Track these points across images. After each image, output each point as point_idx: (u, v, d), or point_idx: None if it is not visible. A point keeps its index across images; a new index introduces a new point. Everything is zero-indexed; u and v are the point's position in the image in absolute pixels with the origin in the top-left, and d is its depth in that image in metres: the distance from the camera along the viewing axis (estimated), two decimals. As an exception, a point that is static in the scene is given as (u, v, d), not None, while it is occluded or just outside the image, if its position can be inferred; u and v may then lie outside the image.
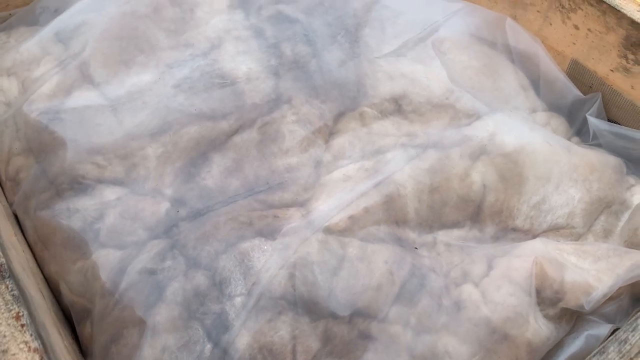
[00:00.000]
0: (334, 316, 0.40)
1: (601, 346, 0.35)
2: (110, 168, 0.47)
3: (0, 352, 0.28)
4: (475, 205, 0.46)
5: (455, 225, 0.46)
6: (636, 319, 0.36)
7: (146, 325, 0.39)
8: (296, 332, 0.39)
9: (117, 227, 0.44)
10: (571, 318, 0.42)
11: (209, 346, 0.39)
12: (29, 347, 0.28)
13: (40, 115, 0.49)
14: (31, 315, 0.29)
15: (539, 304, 0.41)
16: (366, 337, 0.39)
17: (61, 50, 0.56)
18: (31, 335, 0.29)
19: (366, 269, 0.41)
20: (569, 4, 0.51)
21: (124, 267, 0.42)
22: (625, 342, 0.34)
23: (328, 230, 0.42)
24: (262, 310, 0.39)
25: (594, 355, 0.34)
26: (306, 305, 0.40)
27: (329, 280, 0.41)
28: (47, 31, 0.56)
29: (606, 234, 0.48)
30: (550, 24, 0.54)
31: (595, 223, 0.48)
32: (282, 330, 0.39)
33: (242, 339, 0.38)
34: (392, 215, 0.44)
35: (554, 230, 0.47)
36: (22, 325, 0.29)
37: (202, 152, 0.48)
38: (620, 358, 0.33)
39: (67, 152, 0.48)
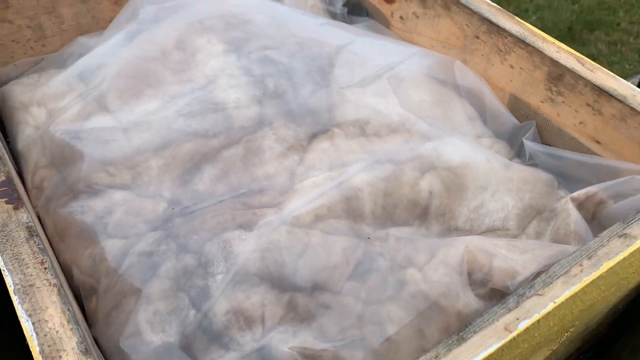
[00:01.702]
0: (297, 289, 0.48)
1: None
2: (119, 176, 0.57)
3: (28, 285, 0.37)
4: (422, 208, 0.55)
5: (405, 223, 0.54)
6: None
7: (142, 294, 0.47)
8: (265, 301, 0.47)
9: (122, 222, 0.53)
10: (501, 298, 0.49)
11: (192, 312, 0.47)
12: (50, 282, 0.37)
13: (63, 134, 0.59)
14: (51, 263, 0.38)
15: (470, 284, 0.49)
16: (323, 306, 0.47)
17: (82, 86, 0.67)
18: (52, 275, 0.37)
19: (326, 253, 0.49)
20: (505, 48, 0.61)
21: (125, 252, 0.51)
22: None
23: (295, 223, 0.51)
24: (238, 283, 0.48)
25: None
26: (275, 281, 0.48)
27: (295, 262, 0.49)
28: (71, 71, 0.67)
29: (537, 236, 0.56)
30: (492, 65, 0.64)
31: (528, 226, 0.56)
32: (253, 299, 0.47)
33: (220, 305, 0.46)
34: (351, 213, 0.53)
35: (492, 232, 0.56)
36: (45, 268, 0.38)
37: (196, 163, 0.57)
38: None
39: (83, 163, 0.57)
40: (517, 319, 0.36)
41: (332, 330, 0.45)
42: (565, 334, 0.47)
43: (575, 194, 0.53)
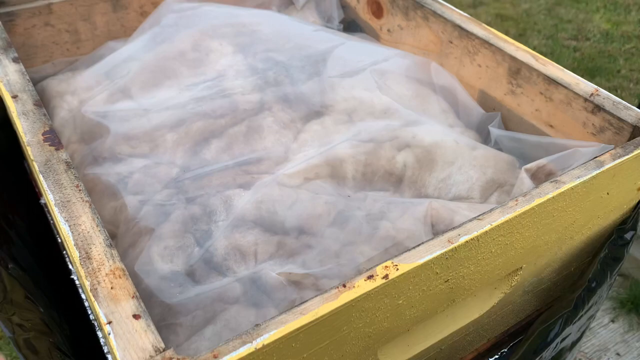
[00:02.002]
0: (286, 233, 0.56)
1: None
2: (139, 147, 0.66)
3: (66, 201, 0.46)
4: (397, 177, 0.64)
5: (381, 189, 0.63)
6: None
7: (154, 233, 0.56)
8: (258, 240, 0.56)
9: (140, 182, 0.62)
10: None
11: (197, 248, 0.55)
12: (83, 200, 0.46)
13: (93, 114, 0.70)
14: (84, 187, 0.47)
15: (433, 234, 0.57)
16: (307, 246, 0.55)
17: (108, 81, 0.77)
18: (85, 195, 0.46)
19: (311, 205, 0.58)
20: (473, 49, 0.71)
21: (142, 204, 0.60)
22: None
23: (286, 182, 0.60)
24: (236, 227, 0.56)
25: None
26: (267, 226, 0.57)
27: (284, 212, 0.58)
28: (100, 67, 0.78)
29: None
30: (464, 66, 0.74)
31: (490, 197, 0.65)
32: (248, 238, 0.55)
33: (220, 243, 0.55)
34: (334, 177, 0.62)
35: (457, 199, 0.64)
36: (79, 190, 0.47)
37: (205, 138, 0.67)
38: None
39: (109, 138, 0.67)
40: (459, 235, 0.45)
41: (314, 264, 0.54)
42: (515, 277, 0.55)
43: (528, 166, 0.62)
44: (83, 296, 0.57)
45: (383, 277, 0.41)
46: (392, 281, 0.42)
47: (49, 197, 0.46)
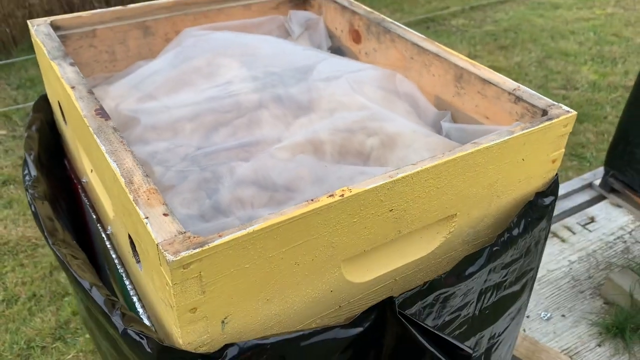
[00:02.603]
0: (276, 190, 0.73)
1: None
2: (163, 134, 0.84)
3: (114, 150, 0.63)
4: (365, 156, 0.81)
5: (352, 164, 0.80)
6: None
7: (175, 189, 0.73)
8: (254, 194, 0.72)
9: (164, 157, 0.80)
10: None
11: (207, 200, 0.72)
12: (126, 149, 0.63)
13: (127, 110, 0.88)
14: (127, 141, 0.65)
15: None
16: (292, 199, 0.72)
17: (135, 90, 0.96)
18: (127, 147, 0.64)
19: (296, 170, 0.75)
20: (428, 61, 0.90)
21: (166, 170, 0.77)
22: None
23: (277, 155, 0.77)
24: (237, 185, 0.73)
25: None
26: (261, 185, 0.74)
27: (276, 175, 0.75)
28: (131, 79, 0.97)
29: (446, 179, 0.81)
30: (422, 76, 0.92)
31: (439, 172, 0.81)
32: (247, 192, 0.72)
33: (225, 196, 0.72)
34: (315, 152, 0.79)
35: (413, 173, 0.81)
36: (123, 143, 0.64)
37: (215, 127, 0.85)
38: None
39: (139, 127, 0.85)
40: (397, 173, 0.61)
41: (296, 209, 0.70)
42: (452, 223, 0.71)
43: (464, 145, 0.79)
44: (109, 230, 0.73)
45: (340, 196, 0.58)
46: (347, 199, 0.58)
47: (102, 149, 0.64)
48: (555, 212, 2.11)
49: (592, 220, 2.12)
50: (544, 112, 0.74)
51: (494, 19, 4.27)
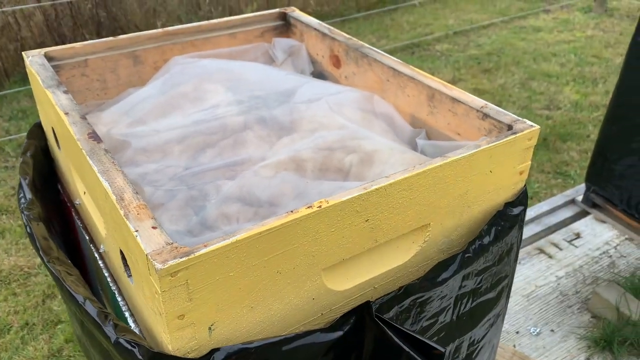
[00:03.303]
0: (260, 206, 0.78)
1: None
2: (152, 156, 0.89)
3: (105, 170, 0.67)
4: (345, 172, 0.86)
5: (333, 180, 0.85)
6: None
7: (164, 207, 0.77)
8: (240, 210, 0.77)
9: (154, 177, 0.84)
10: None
11: (194, 217, 0.76)
12: (117, 169, 0.68)
13: (118, 135, 0.92)
14: (118, 162, 0.69)
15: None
16: (275, 214, 0.76)
17: (126, 116, 1.01)
18: (118, 166, 0.68)
19: (279, 187, 0.80)
20: (403, 84, 0.95)
21: (156, 189, 0.81)
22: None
23: (261, 172, 0.82)
24: (223, 202, 0.78)
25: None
26: (246, 201, 0.78)
27: (260, 192, 0.79)
28: (121, 105, 1.02)
29: (422, 192, 0.86)
30: (398, 97, 0.98)
31: (415, 186, 0.86)
32: (232, 208, 0.76)
33: (211, 212, 0.76)
34: (298, 170, 0.84)
35: (390, 188, 0.85)
36: (114, 164, 0.69)
37: (202, 148, 0.89)
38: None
39: (129, 150, 0.90)
40: (371, 185, 0.66)
41: (279, 222, 0.74)
42: (427, 233, 0.75)
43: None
44: (102, 248, 0.77)
45: (317, 207, 0.62)
46: (325, 210, 0.63)
47: (94, 169, 0.68)
48: (541, 229, 2.17)
49: (578, 236, 2.17)
50: (509, 127, 0.79)
51: (477, 43, 4.38)
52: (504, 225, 0.79)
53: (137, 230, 0.58)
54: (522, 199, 0.82)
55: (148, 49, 1.07)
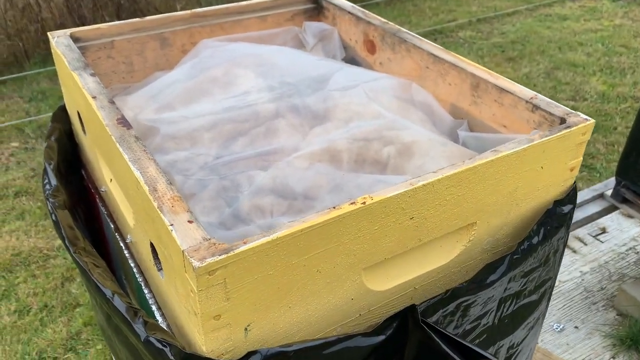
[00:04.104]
0: (294, 198, 0.74)
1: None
2: (182, 144, 0.85)
3: (137, 159, 0.64)
4: (382, 165, 0.82)
5: (370, 173, 0.81)
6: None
7: (196, 197, 0.74)
8: (274, 202, 0.73)
9: (184, 166, 0.81)
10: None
11: (227, 209, 0.73)
12: (149, 158, 0.64)
13: (146, 120, 0.89)
14: (150, 150, 0.65)
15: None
16: (311, 207, 0.73)
17: (153, 101, 0.97)
18: (149, 155, 0.64)
19: (314, 179, 0.76)
20: (444, 71, 0.91)
21: (186, 178, 0.78)
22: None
23: (295, 164, 0.78)
24: (256, 193, 0.74)
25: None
26: (280, 193, 0.74)
27: (294, 183, 0.75)
28: (149, 89, 0.98)
29: (464, 187, 0.81)
30: (438, 85, 0.93)
31: (457, 181, 0.82)
32: (266, 200, 0.73)
33: (244, 204, 0.72)
34: (333, 162, 0.79)
35: (431, 182, 0.81)
36: (146, 152, 0.65)
37: (233, 136, 0.85)
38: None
39: (158, 137, 0.86)
40: (418, 180, 0.62)
41: (316, 217, 0.70)
42: (472, 232, 0.71)
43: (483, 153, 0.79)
44: (129, 238, 0.74)
45: (362, 203, 0.58)
46: (369, 207, 0.58)
47: (125, 157, 0.65)
48: (567, 223, 2.11)
49: (604, 230, 2.11)
50: (562, 120, 0.74)
51: (501, 31, 4.29)
52: (553, 224, 0.75)
53: (172, 224, 0.55)
54: (571, 197, 0.77)
55: (176, 31, 1.03)
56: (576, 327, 1.75)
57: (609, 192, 2.17)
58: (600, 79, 3.58)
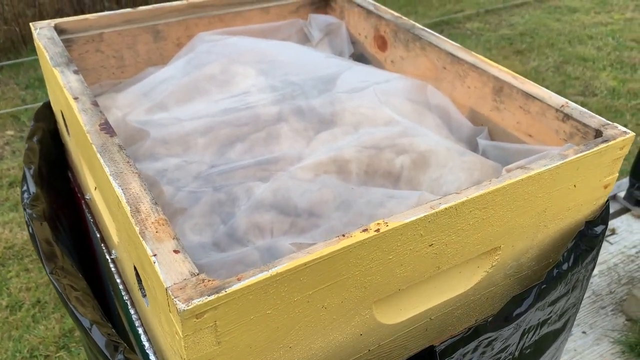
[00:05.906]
0: (298, 215, 0.66)
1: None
2: (173, 149, 0.77)
3: (119, 172, 0.56)
4: (395, 176, 0.74)
5: (381, 185, 0.73)
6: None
7: (187, 213, 0.66)
8: (274, 220, 0.65)
9: (175, 175, 0.73)
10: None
11: (221, 226, 0.65)
12: (133, 172, 0.56)
13: (135, 122, 0.81)
14: (134, 163, 0.58)
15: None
16: (315, 225, 0.65)
17: (145, 99, 0.89)
18: (134, 169, 0.57)
19: (320, 193, 0.68)
20: (463, 72, 0.82)
21: (177, 190, 0.70)
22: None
23: (299, 176, 0.70)
24: (255, 209, 0.66)
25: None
26: (282, 209, 0.67)
27: (297, 198, 0.68)
28: (140, 87, 0.90)
29: (484, 203, 0.74)
30: (455, 88, 0.85)
31: (476, 196, 0.74)
32: (265, 217, 0.65)
33: (241, 221, 0.65)
34: (340, 173, 0.72)
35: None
36: (130, 164, 0.57)
37: (230, 142, 0.78)
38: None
39: (148, 141, 0.78)
40: (439, 203, 0.54)
41: (321, 238, 0.63)
42: (495, 257, 0.64)
43: (508, 166, 0.71)
44: (114, 254, 0.66)
45: (375, 231, 0.51)
46: (383, 234, 0.51)
47: (106, 170, 0.57)
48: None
49: (613, 232, 2.04)
50: (598, 133, 0.66)
51: (510, 23, 4.18)
52: (584, 248, 0.67)
53: (155, 255, 0.47)
54: (604, 217, 0.70)
55: (171, 23, 0.95)
56: (584, 332, 1.69)
57: (622, 194, 2.09)
58: (610, 74, 3.49)
